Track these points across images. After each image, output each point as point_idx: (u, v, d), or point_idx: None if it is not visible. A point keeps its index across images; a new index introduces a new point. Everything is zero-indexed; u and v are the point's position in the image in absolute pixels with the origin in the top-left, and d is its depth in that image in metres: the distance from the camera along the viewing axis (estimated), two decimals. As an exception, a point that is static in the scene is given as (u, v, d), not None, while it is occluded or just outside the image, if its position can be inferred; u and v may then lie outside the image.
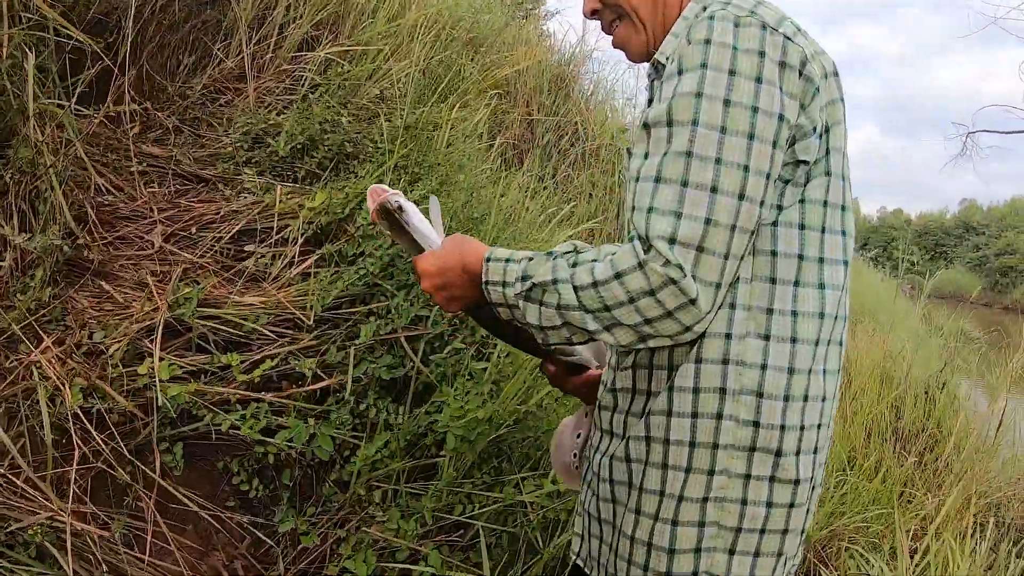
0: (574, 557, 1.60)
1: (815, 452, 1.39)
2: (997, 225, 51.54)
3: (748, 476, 1.33)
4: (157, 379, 2.43)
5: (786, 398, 1.33)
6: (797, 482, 1.35)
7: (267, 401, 2.63)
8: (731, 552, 1.35)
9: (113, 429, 2.44)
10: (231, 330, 2.77)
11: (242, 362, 2.70)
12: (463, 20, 5.25)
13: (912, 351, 5.95)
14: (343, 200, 3.21)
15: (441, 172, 3.60)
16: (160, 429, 2.51)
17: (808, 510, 1.42)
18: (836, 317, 1.39)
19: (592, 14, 1.56)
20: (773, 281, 1.32)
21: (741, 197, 1.23)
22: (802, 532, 1.43)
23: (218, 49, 4.13)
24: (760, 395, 1.32)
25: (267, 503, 2.70)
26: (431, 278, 1.51)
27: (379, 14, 4.42)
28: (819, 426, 1.39)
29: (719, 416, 1.32)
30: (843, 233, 1.39)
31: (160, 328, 2.61)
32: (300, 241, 3.15)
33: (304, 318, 2.84)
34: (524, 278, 1.37)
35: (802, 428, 1.35)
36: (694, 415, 1.33)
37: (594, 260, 1.30)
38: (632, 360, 1.44)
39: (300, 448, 2.57)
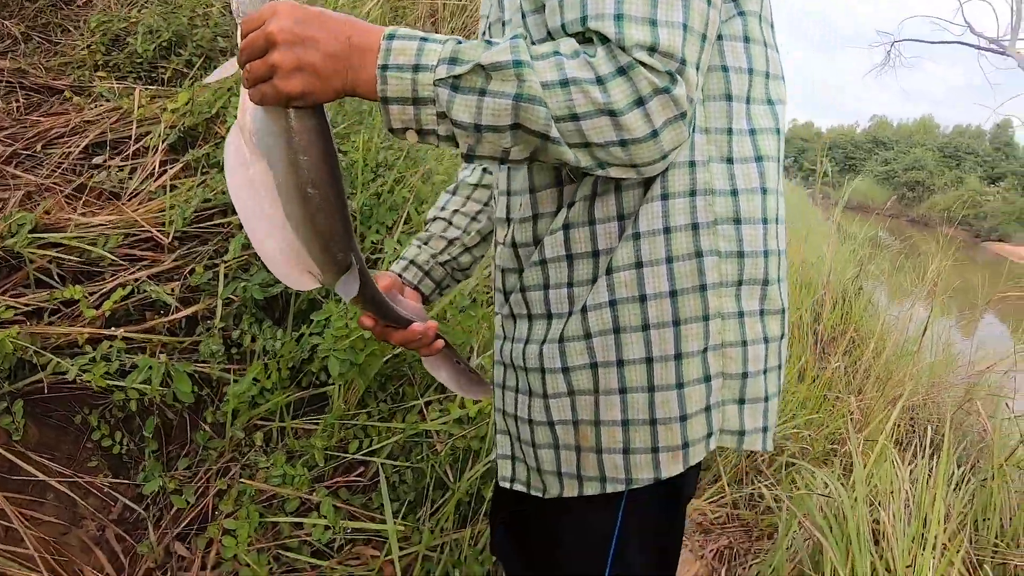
0: (507, 484, 1.36)
1: (786, 279, 1.29)
2: (906, 142, 53.63)
3: (741, 314, 1.19)
4: (-25, 326, 2.00)
5: (764, 221, 1.21)
6: (783, 311, 1.26)
7: (119, 337, 2.21)
8: (741, 402, 1.21)
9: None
10: (77, 259, 2.34)
11: (90, 295, 2.28)
12: None
13: (830, 256, 5.83)
14: (211, 97, 2.75)
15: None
16: (-8, 385, 2.10)
17: None
18: (783, 133, 1.27)
19: None
20: (728, 98, 1.18)
21: (708, 1, 1.05)
22: None
23: (71, -58, 3.61)
24: (738, 222, 1.18)
25: (137, 457, 2.31)
26: (292, 23, 1.01)
27: None
28: (784, 251, 1.28)
29: (698, 254, 1.15)
30: (776, 48, 1.26)
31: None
32: (161, 148, 2.70)
33: (163, 236, 2.41)
34: (455, 60, 1.03)
35: (779, 253, 1.25)
36: (669, 260, 1.15)
37: (556, 53, 1.03)
38: (564, 220, 1.20)
39: (163, 392, 2.17)
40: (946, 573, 2.01)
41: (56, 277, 2.32)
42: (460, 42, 1.05)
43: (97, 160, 2.66)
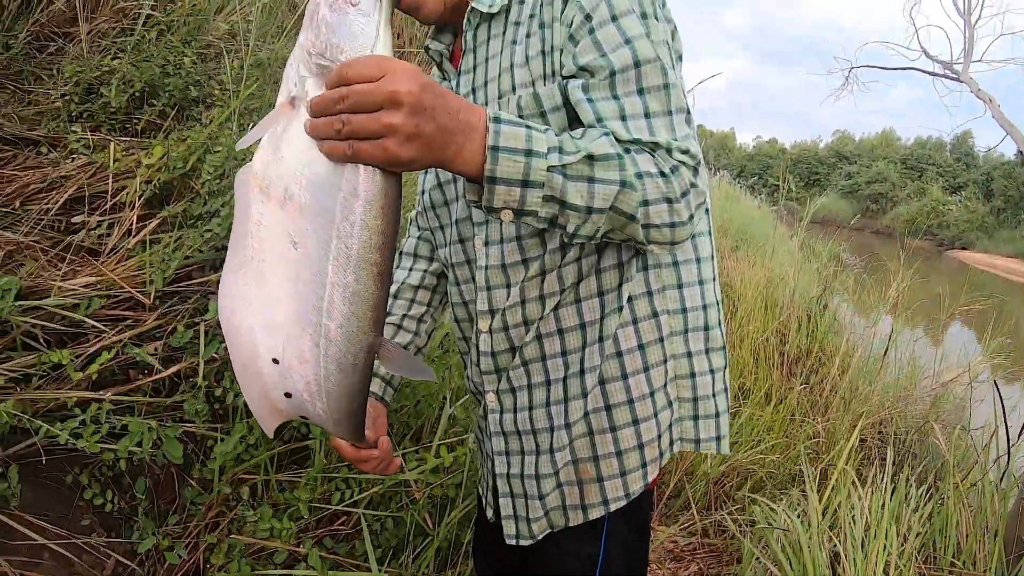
0: (513, 542, 1.58)
1: (723, 322, 1.62)
2: (868, 155, 55.56)
3: (689, 354, 1.52)
4: (-31, 398, 2.08)
5: (700, 283, 1.54)
6: (723, 348, 1.59)
7: (108, 400, 2.29)
8: (695, 418, 1.53)
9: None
10: (60, 324, 2.41)
11: (76, 357, 2.35)
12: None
13: (794, 276, 5.95)
14: (185, 152, 2.82)
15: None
16: (-14, 451, 2.17)
17: None
18: (711, 213, 1.63)
19: None
20: None
21: (690, 124, 1.39)
22: None
23: (45, -13, 3.63)
24: (680, 286, 1.52)
25: (128, 515, 2.39)
26: (419, 88, 1.01)
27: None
28: (721, 302, 1.62)
29: (655, 314, 1.48)
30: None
31: (-28, 332, 2.25)
32: (138, 204, 2.77)
33: (144, 296, 2.49)
34: (563, 149, 1.16)
35: (716, 304, 1.58)
36: (635, 322, 1.47)
37: (628, 151, 1.24)
38: (555, 303, 1.47)
39: (153, 452, 2.25)
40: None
41: (41, 340, 2.39)
42: (544, 130, 1.17)
43: (76, 219, 2.72)
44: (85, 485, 2.31)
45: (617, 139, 1.25)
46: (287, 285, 1.13)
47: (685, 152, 1.27)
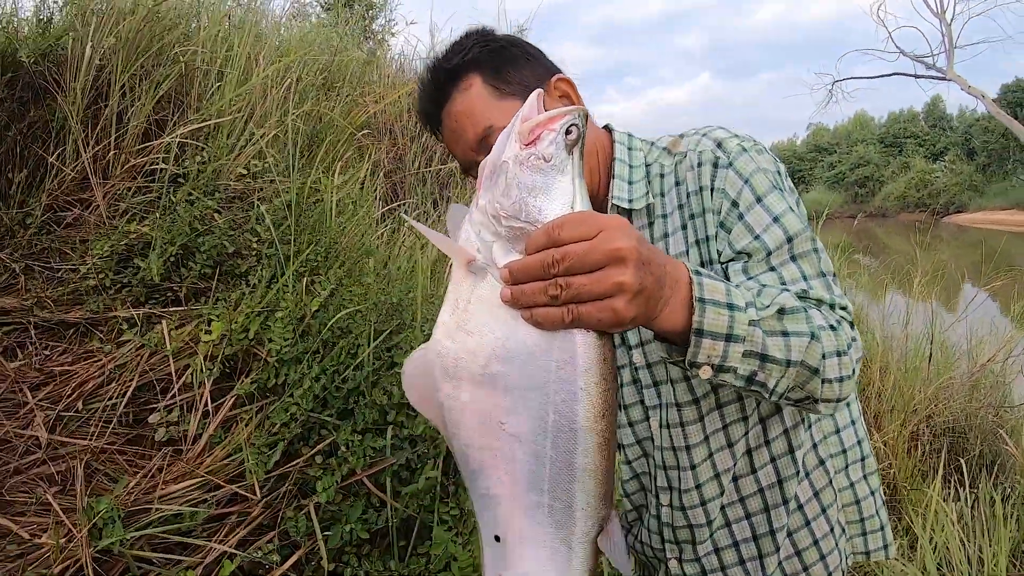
0: None
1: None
2: (846, 141, 56.34)
3: (852, 484, 1.70)
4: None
5: (853, 423, 1.70)
6: (876, 470, 1.75)
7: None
8: (864, 534, 1.71)
9: None
10: (167, 537, 2.34)
11: (193, 567, 2.28)
12: (316, 62, 4.72)
13: None
14: (243, 321, 2.76)
15: (343, 255, 3.14)
16: None
17: None
18: None
19: None
20: None
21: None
22: None
23: (53, 157, 3.55)
24: (838, 431, 1.67)
25: None
26: (637, 242, 0.94)
27: (227, 76, 3.84)
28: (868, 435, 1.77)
29: (821, 462, 1.62)
30: None
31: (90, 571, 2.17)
32: (208, 384, 2.70)
33: (246, 491, 2.42)
34: (757, 304, 1.15)
35: (866, 436, 1.74)
36: (807, 474, 1.60)
37: (805, 309, 1.25)
38: (732, 474, 1.58)
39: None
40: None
41: (152, 560, 2.32)
42: (736, 286, 1.15)
43: (152, 420, 2.65)
44: None
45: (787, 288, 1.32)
46: (499, 467, 1.02)
47: (844, 308, 1.32)
